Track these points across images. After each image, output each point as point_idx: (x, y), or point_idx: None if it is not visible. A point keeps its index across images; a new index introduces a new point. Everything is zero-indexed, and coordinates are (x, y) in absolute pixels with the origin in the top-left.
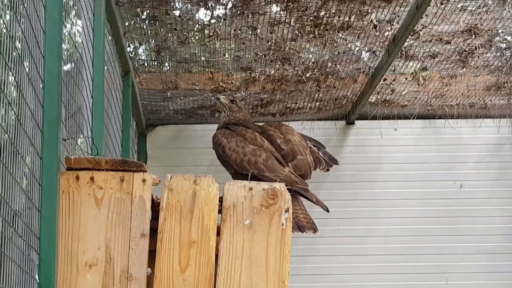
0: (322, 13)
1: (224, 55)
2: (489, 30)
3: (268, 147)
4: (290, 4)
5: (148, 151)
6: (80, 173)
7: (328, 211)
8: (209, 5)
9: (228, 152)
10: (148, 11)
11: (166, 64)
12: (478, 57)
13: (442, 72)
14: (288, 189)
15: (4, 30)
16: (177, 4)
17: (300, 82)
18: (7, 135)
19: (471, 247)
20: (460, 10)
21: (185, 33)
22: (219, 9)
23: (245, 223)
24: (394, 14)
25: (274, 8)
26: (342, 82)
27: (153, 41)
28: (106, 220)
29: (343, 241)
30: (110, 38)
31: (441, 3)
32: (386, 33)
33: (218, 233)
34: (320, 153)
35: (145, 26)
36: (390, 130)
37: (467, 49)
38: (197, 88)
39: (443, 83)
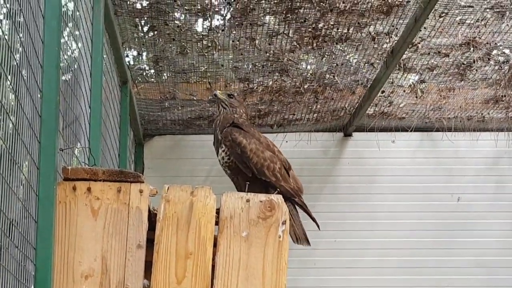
0: (321, 25)
1: (222, 65)
2: (487, 43)
3: (278, 155)
4: (289, 15)
5: (145, 161)
6: (77, 184)
7: (319, 228)
8: (208, 15)
9: (250, 154)
10: (147, 21)
11: (164, 74)
12: (476, 70)
13: (440, 85)
14: (290, 200)
15: (3, 40)
16: (176, 14)
17: (298, 93)
18: (4, 144)
19: (469, 260)
20: (458, 23)
21: (183, 43)
22: (217, 20)
23: (242, 235)
24: (393, 26)
25: (273, 19)
26: (340, 94)
27: (151, 51)
28: (103, 231)
29: (339, 253)
30: (108, 48)
31: (440, 16)
32: (385, 45)
33: (215, 245)
34: None
35: (143, 36)
36: (387, 143)
37: (465, 62)
38: (195, 98)
39: (441, 95)
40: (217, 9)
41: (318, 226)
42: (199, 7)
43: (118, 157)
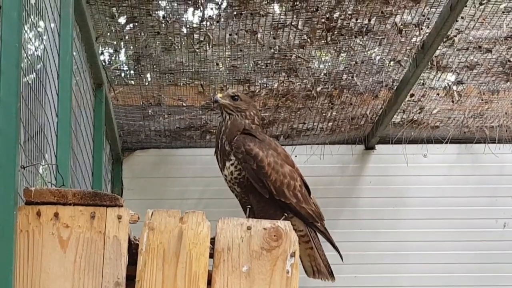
0: (336, 15)
1: (217, 64)
2: None
3: (297, 169)
4: (298, 3)
5: (124, 180)
6: (42, 208)
7: (342, 259)
8: (200, 3)
9: (268, 170)
10: (126, 12)
11: (147, 76)
12: None
13: (482, 87)
14: (312, 226)
15: None
16: (160, 2)
17: (309, 97)
18: None
19: None
20: (503, 12)
21: (170, 38)
22: (211, 9)
23: (242, 270)
24: (424, 16)
25: (278, 8)
26: (360, 98)
27: (131, 47)
28: (73, 266)
29: None
30: (79, 44)
31: (480, 4)
32: (414, 39)
33: (209, 282)
34: None
35: (122, 30)
36: (418, 157)
37: (511, 59)
38: (184, 104)
39: (482, 99)
40: None
41: (341, 257)
42: None
43: (92, 176)
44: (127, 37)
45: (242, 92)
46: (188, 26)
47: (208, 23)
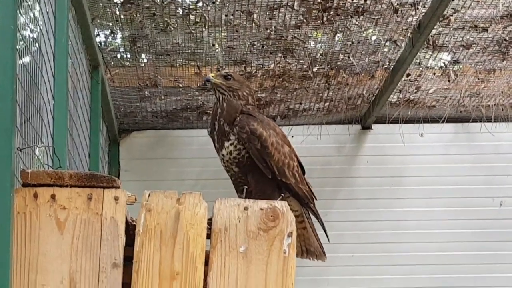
0: None
1: (214, 45)
2: None
3: (294, 149)
4: None
5: (121, 162)
6: (38, 190)
7: (328, 240)
8: None
9: (271, 150)
10: None
11: (143, 57)
12: None
13: (478, 66)
14: (306, 207)
15: None
16: None
17: (305, 78)
18: None
19: None
20: None
21: (166, 19)
22: None
23: (239, 250)
24: None
25: None
26: (357, 78)
27: (127, 29)
28: (70, 247)
29: (358, 271)
30: (75, 25)
31: None
32: (410, 19)
33: (206, 263)
34: None
35: (117, 11)
36: (415, 136)
37: (507, 38)
38: (180, 85)
39: (478, 79)
40: None
41: (328, 238)
42: None
43: (89, 158)
44: (123, 19)
45: (238, 73)
46: (184, 7)
47: (204, 4)
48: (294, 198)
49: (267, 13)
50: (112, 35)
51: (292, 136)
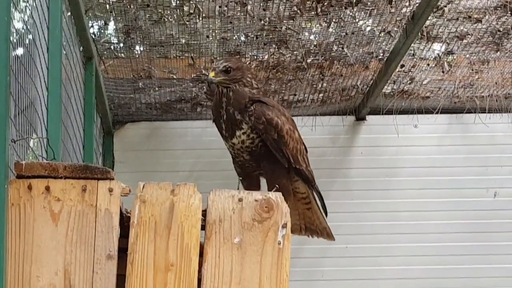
0: None
1: (208, 37)
2: None
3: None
4: None
5: (116, 153)
6: (33, 182)
7: (326, 214)
8: None
9: (287, 139)
10: None
11: (137, 48)
12: None
13: (472, 57)
14: (312, 188)
15: None
16: None
17: (299, 69)
18: None
19: (508, 269)
20: None
21: (159, 10)
22: None
23: (233, 242)
24: None
25: None
26: (351, 69)
27: (121, 20)
28: (65, 238)
29: (352, 262)
30: (69, 17)
31: None
32: (404, 10)
33: (201, 254)
34: None
35: (111, 2)
36: (409, 127)
37: (501, 29)
38: (175, 77)
39: (472, 69)
40: None
41: (326, 213)
42: None
43: (83, 149)
44: (116, 10)
45: (232, 58)
46: None
47: None
48: (303, 182)
49: (261, 4)
50: (105, 26)
51: None
